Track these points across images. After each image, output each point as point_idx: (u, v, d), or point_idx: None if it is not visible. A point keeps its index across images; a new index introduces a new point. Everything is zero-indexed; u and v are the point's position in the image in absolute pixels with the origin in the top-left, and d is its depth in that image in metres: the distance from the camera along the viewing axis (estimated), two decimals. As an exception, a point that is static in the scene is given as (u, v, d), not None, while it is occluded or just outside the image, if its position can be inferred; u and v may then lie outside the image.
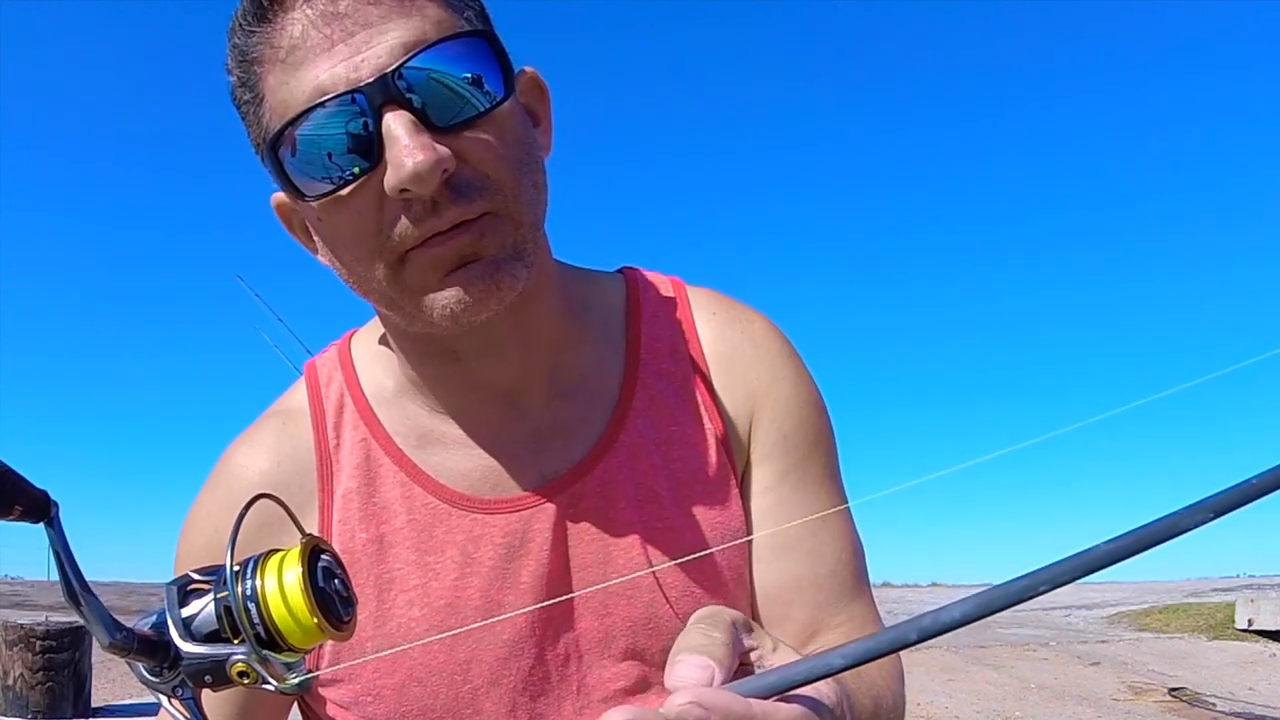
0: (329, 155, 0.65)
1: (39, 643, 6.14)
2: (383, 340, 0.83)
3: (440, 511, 0.78)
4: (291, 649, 0.51)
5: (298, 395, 0.84)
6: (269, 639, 0.50)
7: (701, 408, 0.82)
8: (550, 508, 0.78)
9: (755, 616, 0.82)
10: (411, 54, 0.64)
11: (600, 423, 0.81)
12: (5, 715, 6.03)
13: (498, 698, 0.76)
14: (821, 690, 0.50)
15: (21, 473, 0.48)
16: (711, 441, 0.82)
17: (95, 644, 0.50)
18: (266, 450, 0.81)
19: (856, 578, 0.83)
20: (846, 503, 0.86)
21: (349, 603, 0.54)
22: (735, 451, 0.82)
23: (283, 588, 0.50)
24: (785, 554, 0.81)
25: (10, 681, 6.16)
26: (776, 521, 0.81)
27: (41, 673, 6.16)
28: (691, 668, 0.47)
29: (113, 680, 7.70)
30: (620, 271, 0.89)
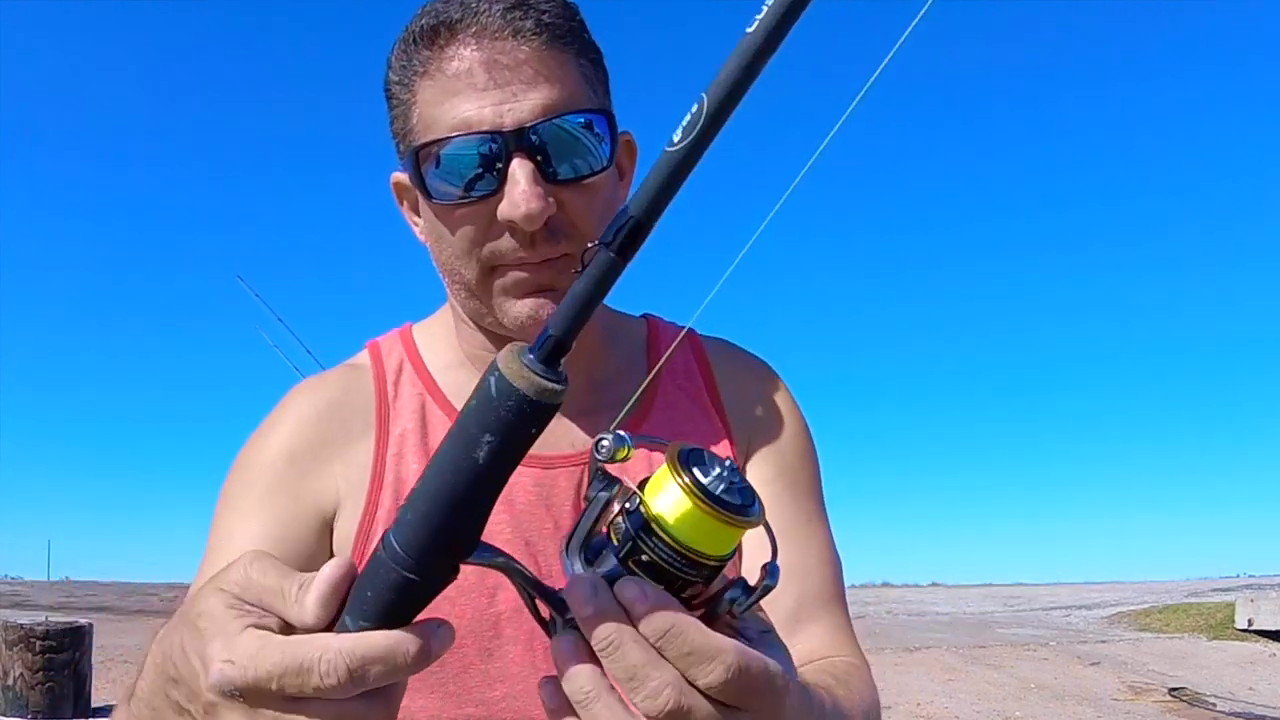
0: (462, 174, 0.81)
1: (39, 643, 6.16)
2: (441, 331, 0.97)
3: None
4: (719, 559, 0.49)
5: (361, 356, 0.98)
6: (693, 560, 0.48)
7: (710, 419, 0.96)
8: (575, 471, 0.90)
9: None
10: (548, 117, 0.79)
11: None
12: (5, 715, 6.04)
13: (518, 624, 0.86)
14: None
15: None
16: (719, 443, 0.94)
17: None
18: (333, 386, 0.95)
19: (836, 584, 0.94)
20: (827, 521, 0.98)
21: (749, 494, 0.51)
22: (738, 459, 0.94)
23: (677, 514, 0.47)
24: (778, 540, 0.86)
25: (10, 681, 6.17)
26: (770, 513, 0.87)
27: (41, 673, 6.17)
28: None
29: (113, 680, 7.70)
30: (641, 316, 1.05)
